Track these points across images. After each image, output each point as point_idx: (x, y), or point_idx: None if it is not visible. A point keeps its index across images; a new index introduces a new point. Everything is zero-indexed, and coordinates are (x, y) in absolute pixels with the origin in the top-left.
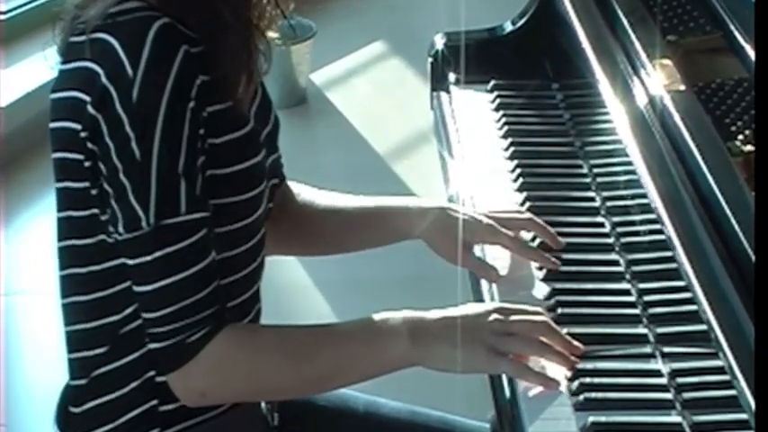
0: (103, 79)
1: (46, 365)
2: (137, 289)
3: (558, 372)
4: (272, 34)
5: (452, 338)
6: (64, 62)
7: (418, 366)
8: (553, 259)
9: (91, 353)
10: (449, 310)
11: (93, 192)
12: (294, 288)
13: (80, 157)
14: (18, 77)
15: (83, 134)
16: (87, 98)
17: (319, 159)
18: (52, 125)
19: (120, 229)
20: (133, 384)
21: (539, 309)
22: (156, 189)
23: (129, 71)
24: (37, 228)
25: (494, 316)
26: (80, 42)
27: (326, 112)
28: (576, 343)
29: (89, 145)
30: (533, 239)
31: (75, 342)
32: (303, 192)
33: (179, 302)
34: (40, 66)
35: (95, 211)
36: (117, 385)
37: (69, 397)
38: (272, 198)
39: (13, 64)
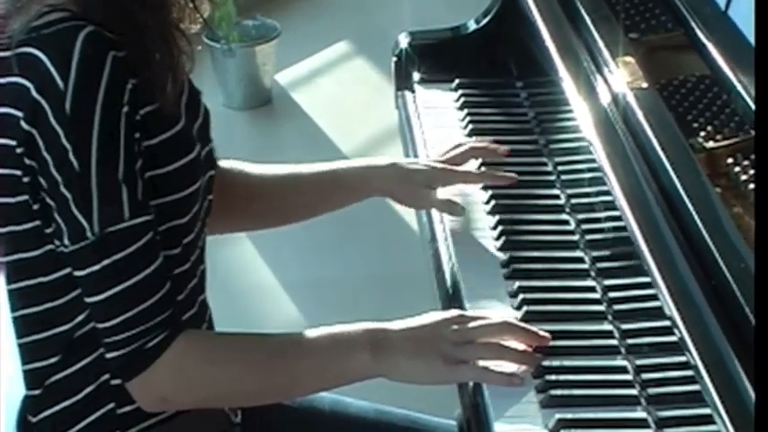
0: (34, 93)
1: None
2: (88, 300)
3: (522, 367)
4: (196, 30)
5: (412, 350)
6: None
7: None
8: (510, 174)
9: (44, 363)
10: (410, 321)
11: (35, 206)
12: (260, 289)
13: (17, 172)
14: None
15: (18, 150)
16: (19, 113)
17: (285, 159)
18: None
19: (66, 241)
20: (88, 389)
21: (501, 316)
22: (98, 198)
23: (60, 83)
24: None
25: (452, 325)
26: (5, 58)
27: (292, 113)
28: (542, 333)
29: (26, 161)
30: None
31: (27, 353)
32: (248, 167)
33: (132, 309)
34: None
35: (38, 223)
36: (72, 392)
37: (27, 407)
38: (211, 190)
39: None
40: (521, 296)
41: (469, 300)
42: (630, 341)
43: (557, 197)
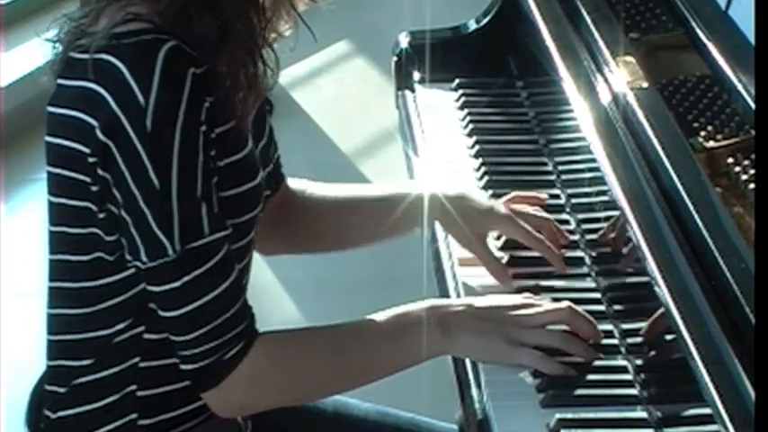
0: (112, 105)
1: (10, 368)
2: (164, 314)
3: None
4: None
5: (477, 328)
6: (63, 77)
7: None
8: (559, 263)
9: (75, 363)
10: (474, 299)
11: (101, 215)
12: (260, 289)
13: (86, 179)
14: (17, 60)
15: (91, 159)
16: (95, 123)
17: (285, 159)
18: (50, 139)
19: (144, 257)
20: (114, 397)
21: (564, 302)
22: (179, 215)
23: (141, 98)
24: (35, 205)
25: (518, 309)
26: (82, 60)
27: (291, 112)
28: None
29: (99, 171)
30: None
31: (58, 350)
32: (312, 187)
33: (211, 323)
34: (38, 49)
35: (95, 230)
36: (97, 396)
37: (45, 401)
38: (264, 209)
39: (12, 47)
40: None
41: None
42: (630, 341)
43: (557, 197)
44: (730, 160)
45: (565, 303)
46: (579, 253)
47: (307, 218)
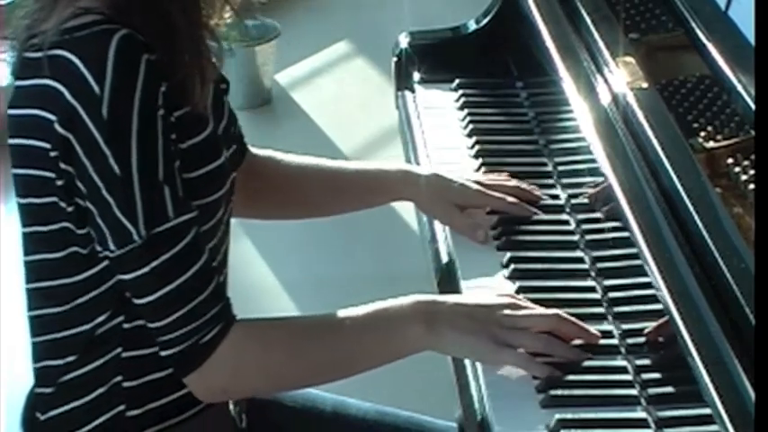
0: (69, 97)
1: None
2: (138, 301)
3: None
4: (232, 33)
5: (463, 326)
6: (19, 78)
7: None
8: (532, 209)
9: (59, 362)
10: (462, 297)
11: (69, 209)
12: (259, 288)
13: (50, 175)
14: None
15: (53, 153)
16: (53, 117)
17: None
18: (12, 141)
19: (111, 246)
20: (100, 390)
21: (553, 310)
22: (142, 201)
23: (96, 88)
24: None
25: (506, 309)
26: (36, 59)
27: (292, 113)
28: (592, 330)
29: (62, 165)
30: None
31: (42, 352)
32: (285, 158)
33: (185, 306)
34: None
35: (67, 225)
36: (84, 392)
37: (35, 404)
38: (234, 191)
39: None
40: (520, 296)
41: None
42: (631, 341)
43: (557, 197)
44: (730, 161)
45: (553, 310)
46: (579, 253)
47: (282, 186)
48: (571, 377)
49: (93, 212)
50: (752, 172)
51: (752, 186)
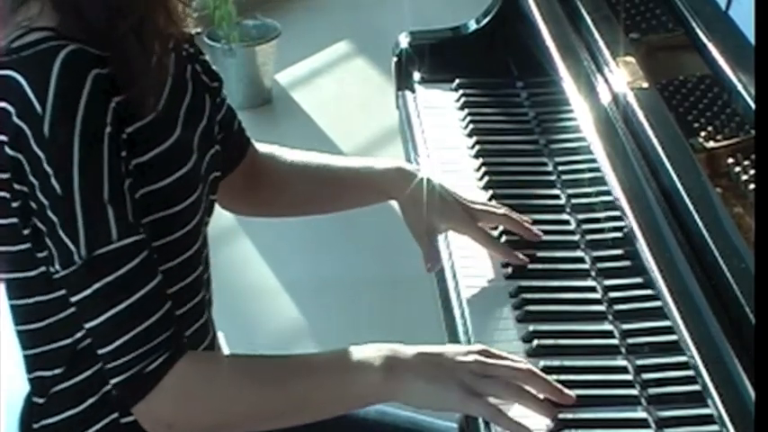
0: (15, 118)
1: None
2: (86, 325)
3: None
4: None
5: (428, 375)
6: None
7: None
8: (521, 256)
9: (49, 373)
10: (427, 347)
11: (25, 231)
12: (261, 289)
13: (5, 195)
14: None
15: (4, 175)
16: (4, 138)
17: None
18: None
19: (57, 266)
20: (92, 400)
21: (523, 361)
22: (83, 221)
23: (38, 107)
24: None
25: (474, 357)
26: None
27: (292, 112)
28: (566, 391)
29: (15, 186)
30: (501, 235)
31: (32, 363)
32: (283, 154)
33: (129, 332)
34: None
35: (28, 246)
36: (76, 401)
37: (31, 413)
38: (215, 191)
39: None
40: (521, 296)
41: (468, 301)
42: (631, 341)
43: (557, 197)
44: (730, 160)
45: (525, 364)
46: (579, 253)
47: (275, 184)
48: (571, 377)
49: (44, 232)
50: (752, 172)
51: (752, 186)
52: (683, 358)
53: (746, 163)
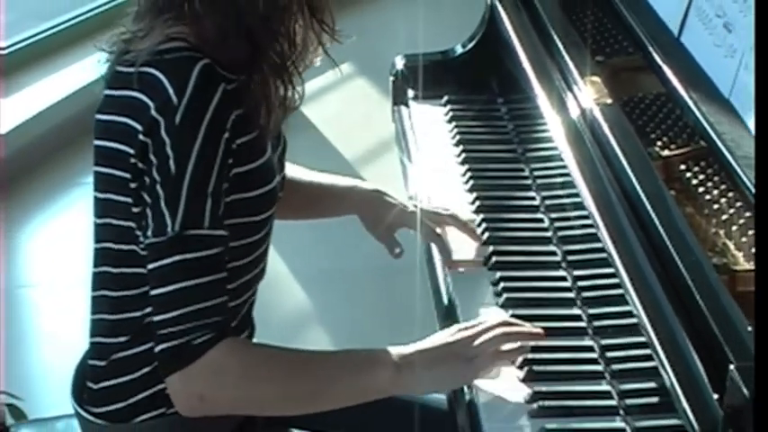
0: (153, 111)
1: (55, 349)
2: (153, 292)
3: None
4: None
5: (431, 361)
6: (110, 88)
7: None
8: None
9: (113, 340)
10: (421, 343)
11: (135, 210)
12: (272, 279)
13: (127, 176)
14: (17, 106)
15: (133, 159)
16: (139, 127)
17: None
18: (99, 143)
19: (149, 233)
20: (145, 370)
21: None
22: (185, 202)
23: (175, 99)
24: (36, 243)
25: (460, 334)
26: (128, 73)
27: (302, 125)
28: (535, 330)
29: (139, 165)
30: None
31: (99, 329)
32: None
33: (190, 306)
34: (36, 95)
35: (132, 224)
36: (132, 369)
37: (88, 374)
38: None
39: (12, 94)
40: (501, 284)
41: (456, 287)
42: (596, 323)
43: (533, 198)
44: (682, 167)
45: (496, 318)
46: (552, 247)
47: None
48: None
49: (147, 203)
50: (701, 177)
51: (701, 189)
52: (641, 338)
53: (696, 169)
